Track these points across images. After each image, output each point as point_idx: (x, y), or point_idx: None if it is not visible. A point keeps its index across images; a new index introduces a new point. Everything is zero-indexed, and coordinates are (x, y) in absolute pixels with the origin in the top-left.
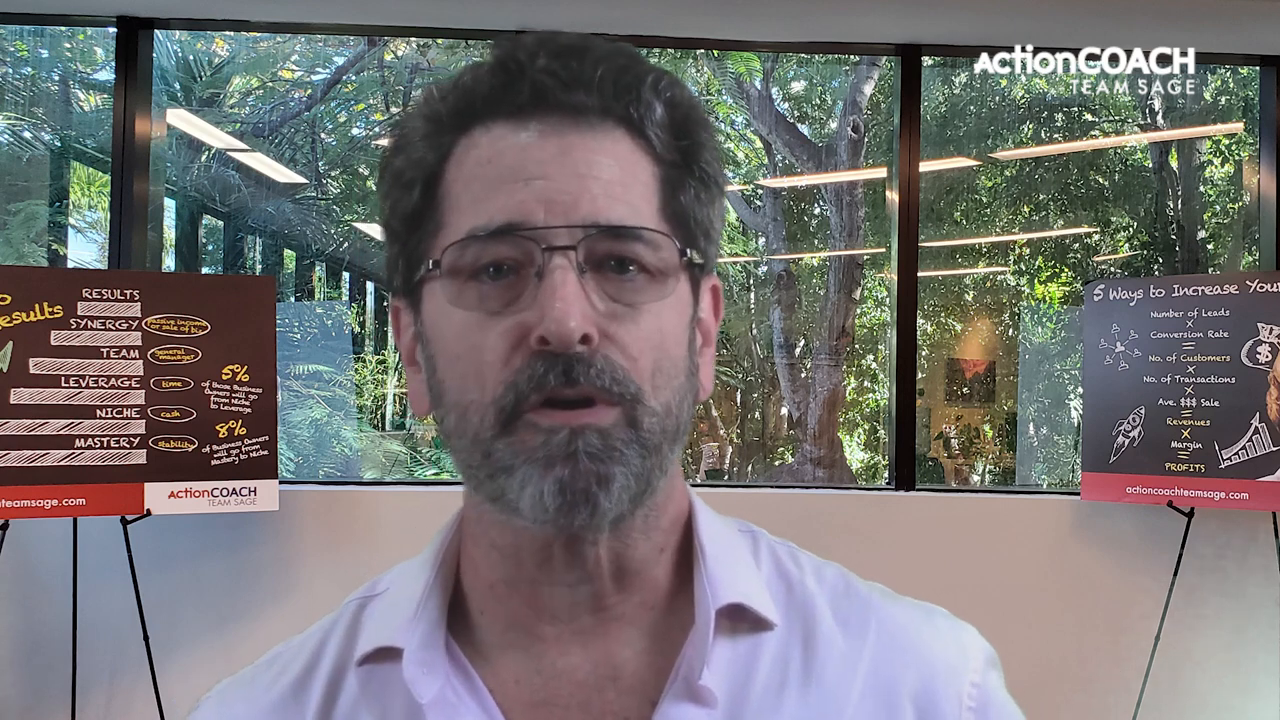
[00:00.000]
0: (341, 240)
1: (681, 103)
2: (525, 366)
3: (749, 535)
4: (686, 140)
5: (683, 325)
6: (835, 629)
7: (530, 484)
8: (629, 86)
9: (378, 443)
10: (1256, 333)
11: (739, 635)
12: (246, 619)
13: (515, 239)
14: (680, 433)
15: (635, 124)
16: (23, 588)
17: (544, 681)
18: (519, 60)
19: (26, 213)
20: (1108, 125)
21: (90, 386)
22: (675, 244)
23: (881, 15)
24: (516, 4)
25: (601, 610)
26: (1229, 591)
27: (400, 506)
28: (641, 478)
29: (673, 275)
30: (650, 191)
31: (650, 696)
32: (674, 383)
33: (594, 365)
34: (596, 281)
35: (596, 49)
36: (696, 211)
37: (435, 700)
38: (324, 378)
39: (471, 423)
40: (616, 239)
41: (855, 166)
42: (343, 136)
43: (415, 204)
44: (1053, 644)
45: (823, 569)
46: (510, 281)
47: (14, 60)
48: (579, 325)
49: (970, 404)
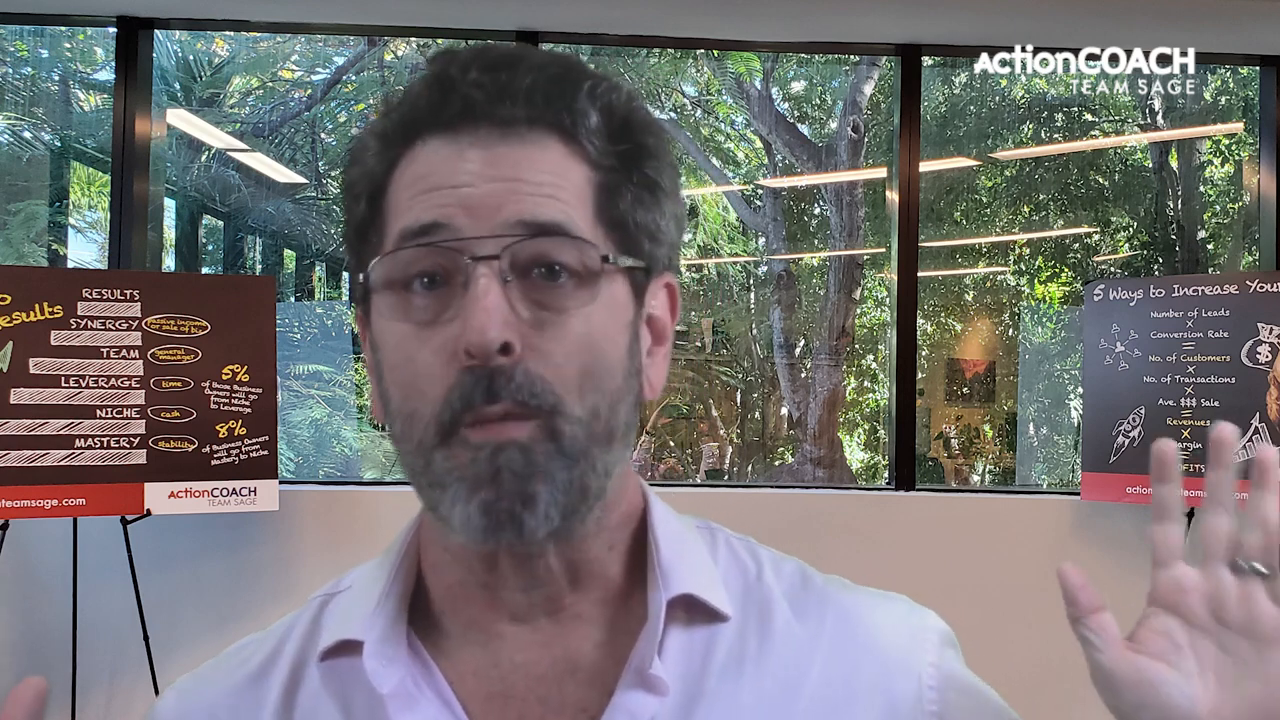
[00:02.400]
0: (341, 240)
1: (618, 108)
2: (457, 384)
3: (706, 531)
4: (625, 144)
5: (618, 327)
6: (792, 620)
7: (459, 503)
8: (559, 95)
9: (378, 443)
10: (1256, 333)
11: (694, 626)
12: (246, 619)
13: (441, 250)
14: (614, 435)
15: (568, 131)
16: (23, 588)
17: (501, 674)
18: (451, 75)
19: (26, 213)
20: (1108, 125)
21: (90, 386)
22: (599, 250)
23: (881, 15)
24: (516, 4)
25: (558, 610)
26: None
27: (400, 506)
28: (571, 489)
29: (601, 278)
30: (583, 196)
31: (609, 688)
32: (605, 385)
33: (514, 379)
34: (522, 289)
35: (530, 59)
36: (638, 215)
37: (395, 691)
38: (324, 378)
39: (413, 432)
40: (541, 242)
41: (855, 166)
42: (343, 136)
43: (362, 215)
44: (1053, 644)
45: (781, 563)
46: (441, 293)
47: (14, 60)
48: (498, 334)
49: (970, 404)
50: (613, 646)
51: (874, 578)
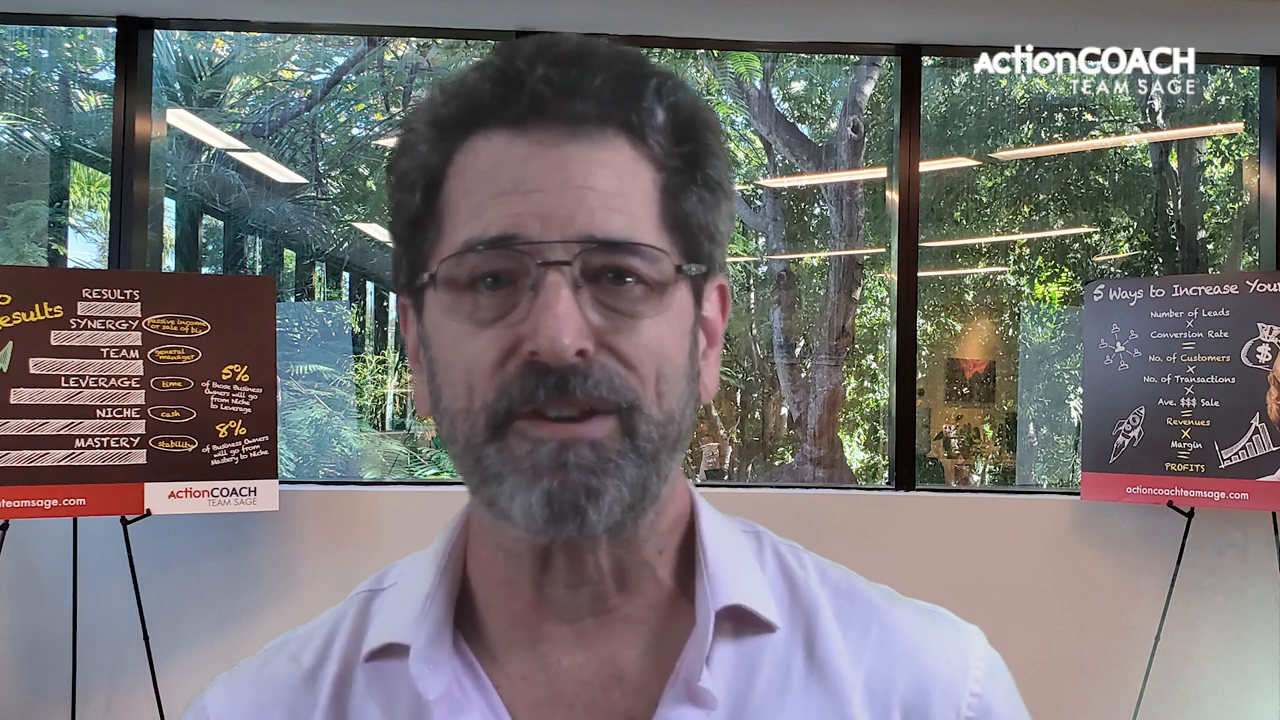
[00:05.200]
0: (341, 240)
1: (684, 107)
2: (517, 377)
3: (753, 535)
4: (690, 145)
5: (683, 331)
6: (837, 631)
7: (519, 494)
8: (629, 93)
9: (378, 443)
10: (1256, 333)
11: (742, 637)
12: (246, 619)
13: (511, 252)
14: (682, 439)
15: (636, 130)
16: (23, 588)
17: (549, 679)
18: (518, 68)
19: (26, 213)
20: (1108, 125)
21: (90, 386)
22: (672, 259)
23: (881, 15)
24: (516, 4)
25: (605, 611)
26: (1229, 591)
27: (400, 506)
28: (637, 487)
29: (671, 286)
30: (650, 200)
31: (654, 697)
32: (676, 389)
33: (590, 376)
34: (593, 293)
35: (597, 55)
36: (700, 216)
37: (441, 697)
38: (324, 378)
39: (462, 429)
40: (613, 253)
41: (855, 166)
42: (343, 136)
43: (417, 208)
44: (1053, 644)
45: (827, 570)
46: (505, 293)
47: (14, 60)
48: (573, 342)
49: (970, 404)
50: (658, 654)
51: (874, 578)
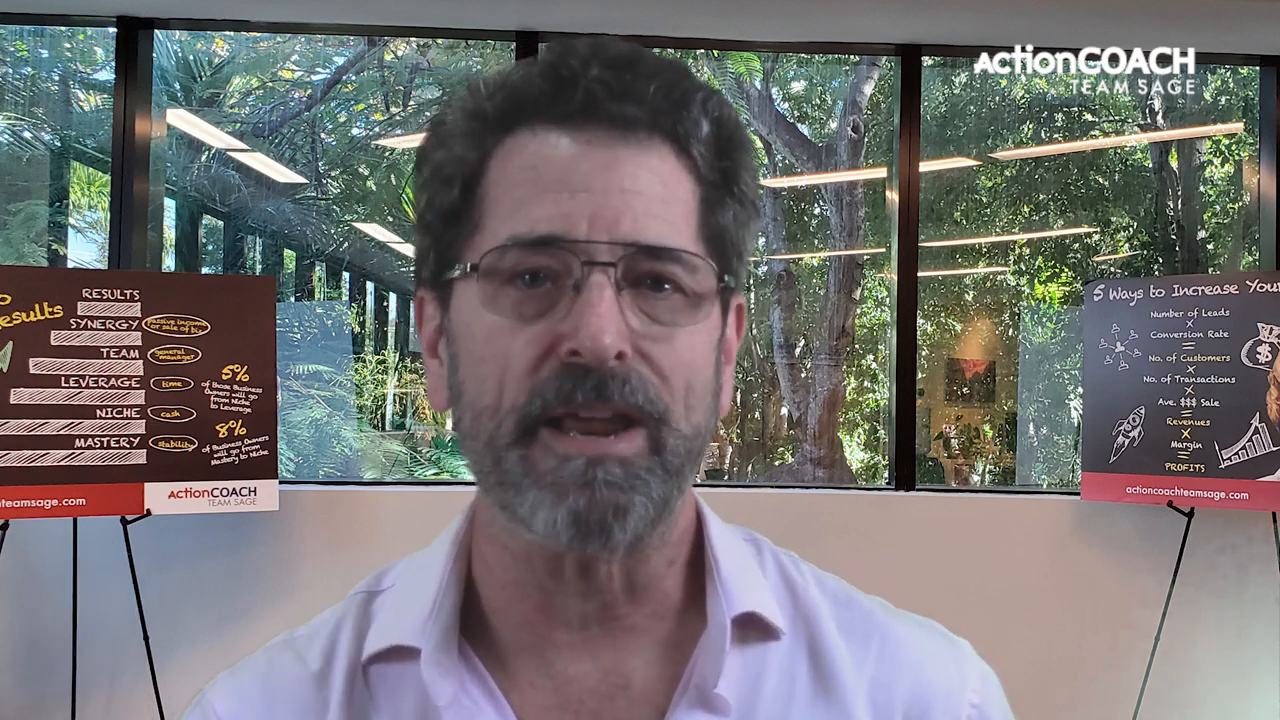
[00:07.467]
0: (341, 240)
1: (728, 122)
2: (554, 377)
3: (753, 544)
4: (728, 161)
5: (711, 345)
6: (839, 639)
7: (542, 509)
8: (679, 103)
9: (378, 443)
10: (1256, 333)
11: (748, 644)
12: (246, 619)
13: (556, 250)
14: (702, 454)
15: (681, 141)
16: (23, 588)
17: (555, 686)
18: (572, 67)
19: (26, 213)
20: (1108, 125)
21: (90, 386)
22: (714, 268)
23: (881, 15)
24: (516, 4)
25: (612, 620)
26: (1229, 591)
27: (400, 506)
28: (660, 503)
29: (708, 299)
30: (690, 211)
31: (660, 706)
32: (703, 404)
33: (628, 381)
34: (633, 298)
35: (649, 62)
36: (733, 232)
37: (451, 704)
38: (324, 378)
39: (486, 426)
40: (656, 259)
41: (855, 166)
42: (343, 136)
43: (454, 201)
44: (1053, 644)
45: (824, 579)
46: (546, 290)
47: (14, 60)
48: (614, 342)
49: (970, 404)
50: (663, 664)
51: (874, 577)
